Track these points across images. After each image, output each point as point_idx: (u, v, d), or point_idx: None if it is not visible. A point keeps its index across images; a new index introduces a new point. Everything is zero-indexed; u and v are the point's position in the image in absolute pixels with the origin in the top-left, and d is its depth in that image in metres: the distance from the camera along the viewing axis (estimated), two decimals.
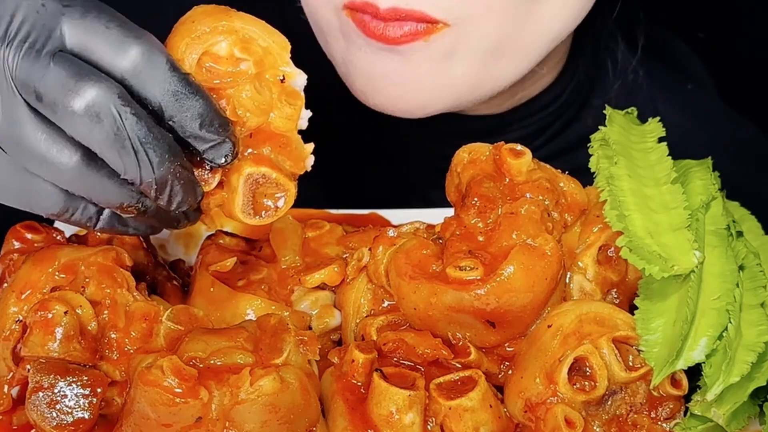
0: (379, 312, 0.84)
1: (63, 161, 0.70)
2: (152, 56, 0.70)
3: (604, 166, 0.85)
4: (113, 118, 0.68)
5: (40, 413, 0.75)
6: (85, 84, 0.68)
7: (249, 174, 0.76)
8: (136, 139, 0.69)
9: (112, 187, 0.71)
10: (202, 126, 0.72)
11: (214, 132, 0.73)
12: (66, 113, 0.68)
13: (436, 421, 0.76)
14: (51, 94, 0.68)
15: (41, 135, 0.70)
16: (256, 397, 0.73)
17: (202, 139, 0.72)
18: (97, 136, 0.68)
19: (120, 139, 0.69)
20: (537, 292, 0.79)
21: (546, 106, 1.11)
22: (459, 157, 0.85)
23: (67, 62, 0.69)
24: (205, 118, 0.72)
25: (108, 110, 0.68)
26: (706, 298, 0.79)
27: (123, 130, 0.69)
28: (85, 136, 0.69)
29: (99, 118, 0.68)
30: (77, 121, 0.68)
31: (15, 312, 0.80)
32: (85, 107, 0.68)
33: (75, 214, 0.74)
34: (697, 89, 1.23)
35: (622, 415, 0.78)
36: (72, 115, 0.68)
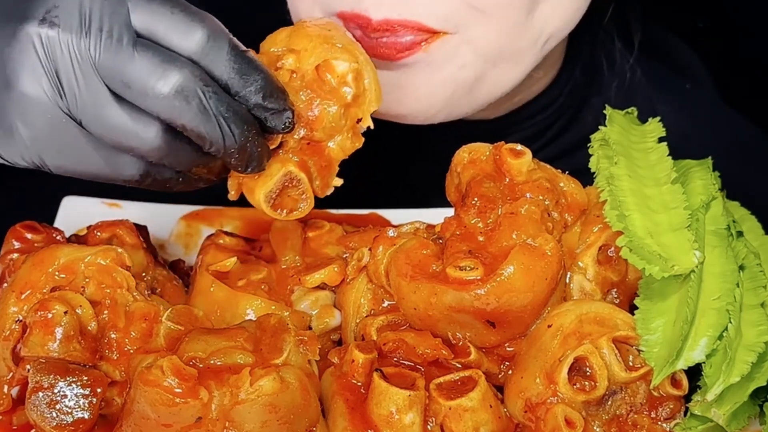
0: (379, 312, 0.84)
1: (149, 137, 0.76)
2: (217, 38, 0.77)
3: (604, 166, 0.85)
4: (199, 98, 0.75)
5: (40, 413, 0.75)
6: (172, 69, 0.75)
7: (289, 171, 0.82)
8: (219, 114, 0.76)
9: (190, 153, 0.78)
10: (264, 98, 0.78)
11: (274, 102, 0.79)
12: (155, 97, 0.75)
13: (436, 421, 0.76)
14: (139, 81, 0.75)
15: (127, 117, 0.76)
16: (256, 397, 0.73)
17: (265, 108, 0.79)
18: (186, 116, 0.75)
19: (207, 116, 0.76)
20: (537, 292, 0.79)
21: (544, 109, 1.11)
22: (459, 157, 0.85)
23: (150, 50, 0.75)
24: (266, 91, 0.78)
25: (194, 92, 0.75)
26: (706, 298, 0.79)
27: (209, 107, 0.76)
28: (175, 116, 0.75)
29: (188, 100, 0.75)
30: (166, 104, 0.75)
31: (15, 312, 0.80)
32: (175, 91, 0.75)
33: (154, 179, 0.80)
34: (696, 89, 1.22)
35: (622, 415, 0.78)
36: (161, 99, 0.75)
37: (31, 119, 0.76)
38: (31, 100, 0.75)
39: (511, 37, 0.94)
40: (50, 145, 0.77)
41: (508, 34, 0.93)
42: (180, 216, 1.01)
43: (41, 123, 0.76)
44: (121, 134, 0.76)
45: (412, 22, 0.90)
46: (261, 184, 0.82)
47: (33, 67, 0.75)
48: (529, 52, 0.97)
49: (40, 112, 0.76)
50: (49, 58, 0.75)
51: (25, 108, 0.76)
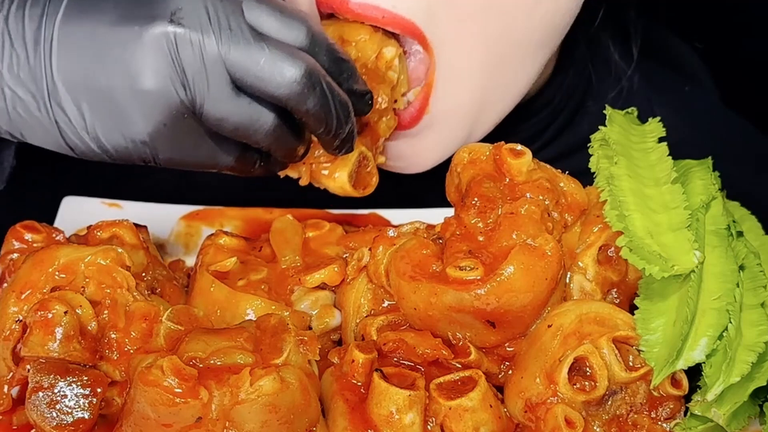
0: (379, 312, 0.84)
1: (266, 125, 0.82)
2: (316, 33, 0.84)
3: (604, 166, 0.85)
4: (322, 84, 0.82)
5: (40, 413, 0.75)
6: (299, 58, 0.81)
7: (362, 152, 0.92)
8: (336, 98, 0.83)
9: (293, 140, 0.85)
10: (354, 83, 0.87)
11: (361, 86, 0.87)
12: (286, 84, 0.80)
13: (436, 421, 0.76)
14: (270, 70, 0.80)
15: (248, 107, 0.81)
16: (256, 397, 0.73)
17: (354, 92, 0.86)
18: (312, 100, 0.81)
19: (327, 100, 0.82)
20: (537, 292, 0.79)
21: (539, 111, 1.11)
22: (459, 157, 0.85)
23: (274, 43, 0.81)
24: (354, 77, 0.87)
25: (318, 77, 0.81)
26: (706, 298, 0.79)
27: (328, 92, 0.82)
28: (302, 100, 0.81)
29: (314, 85, 0.81)
30: (297, 89, 0.80)
31: (15, 312, 0.80)
32: (305, 77, 0.80)
33: (244, 165, 0.86)
34: (695, 91, 1.22)
35: (622, 415, 0.78)
36: (292, 85, 0.80)
37: (153, 115, 0.79)
38: (157, 95, 0.79)
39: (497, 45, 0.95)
40: (166, 140, 0.81)
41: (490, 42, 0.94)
42: (180, 216, 1.01)
43: (163, 118, 0.80)
44: (241, 123, 0.81)
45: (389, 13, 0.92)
46: (341, 166, 0.91)
47: (160, 64, 0.78)
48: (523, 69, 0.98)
49: (164, 107, 0.79)
50: (178, 56, 0.78)
51: (150, 103, 0.79)
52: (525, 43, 0.96)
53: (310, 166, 0.91)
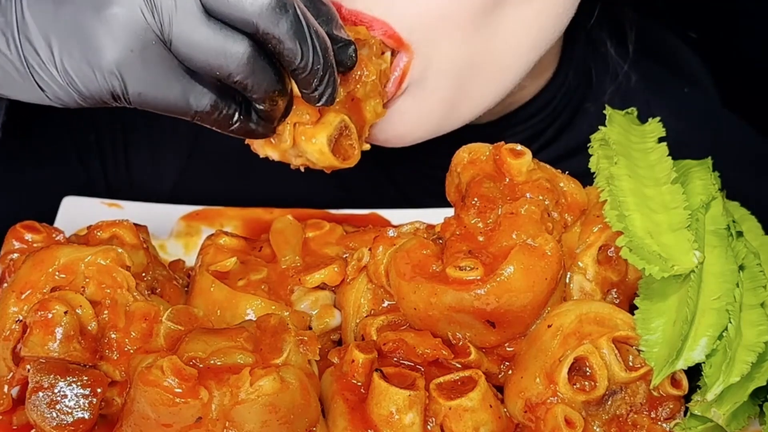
0: (379, 312, 0.84)
1: (237, 54, 0.78)
2: None
3: (604, 166, 0.85)
4: (295, 9, 0.78)
5: (40, 413, 0.75)
6: None
7: (344, 119, 0.88)
8: (311, 27, 0.79)
9: (271, 76, 0.81)
10: (334, 27, 0.84)
11: (343, 32, 0.85)
12: (251, 8, 0.77)
13: (436, 421, 0.76)
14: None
15: (218, 34, 0.78)
16: (256, 397, 0.73)
17: (334, 39, 0.83)
18: (283, 26, 0.78)
19: (300, 28, 0.79)
20: (537, 292, 0.79)
21: (537, 113, 1.11)
22: (459, 157, 0.85)
23: None
24: (335, 21, 0.84)
25: (291, 3, 0.78)
26: (706, 298, 0.79)
27: (302, 20, 0.79)
28: (272, 25, 0.78)
29: (285, 8, 0.78)
30: (266, 13, 0.77)
31: (15, 312, 0.80)
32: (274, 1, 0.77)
33: (221, 114, 0.82)
34: (694, 92, 1.22)
35: (622, 415, 0.78)
36: (261, 7, 0.77)
37: (120, 40, 0.77)
38: (124, 19, 0.77)
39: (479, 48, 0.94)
40: (135, 69, 0.78)
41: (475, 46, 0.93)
42: (180, 216, 1.01)
43: (131, 43, 0.77)
44: (211, 52, 0.78)
45: (380, 22, 0.90)
46: (321, 129, 0.87)
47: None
48: (509, 63, 0.97)
49: (131, 32, 0.77)
50: None
51: (117, 28, 0.77)
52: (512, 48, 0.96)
53: (294, 126, 0.87)
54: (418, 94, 0.94)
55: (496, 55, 0.95)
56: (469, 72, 0.95)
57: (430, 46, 0.92)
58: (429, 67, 0.93)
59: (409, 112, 0.95)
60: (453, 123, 0.99)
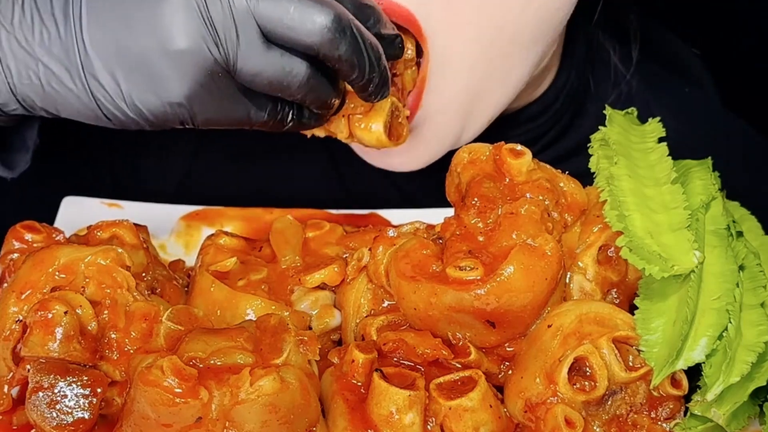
0: (379, 312, 0.84)
1: (299, 75, 0.83)
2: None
3: (604, 166, 0.85)
4: (352, 29, 0.83)
5: (40, 413, 0.75)
6: (328, 6, 0.81)
7: (393, 101, 0.92)
8: (366, 42, 0.84)
9: (329, 88, 0.86)
10: (382, 27, 0.88)
11: (388, 29, 0.88)
12: (316, 32, 0.81)
13: (436, 421, 0.76)
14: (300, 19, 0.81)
15: (280, 58, 0.82)
16: (256, 397, 0.73)
17: (383, 37, 0.87)
18: (343, 46, 0.82)
19: (358, 44, 0.83)
20: (537, 292, 0.79)
21: (539, 115, 1.11)
22: (459, 157, 0.85)
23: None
24: (381, 21, 0.88)
25: (348, 23, 0.82)
26: (706, 298, 0.79)
27: (358, 36, 0.83)
28: (333, 46, 0.82)
29: (344, 30, 0.82)
30: (328, 36, 0.81)
31: (15, 312, 0.80)
32: (334, 23, 0.81)
33: (277, 119, 0.87)
34: (695, 92, 1.22)
35: (622, 415, 0.78)
36: (323, 32, 0.81)
37: (188, 74, 0.80)
38: (190, 54, 0.79)
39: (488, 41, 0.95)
40: (203, 99, 0.81)
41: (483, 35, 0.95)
42: (180, 216, 1.01)
43: (198, 77, 0.80)
44: (274, 76, 0.82)
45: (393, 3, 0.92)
46: (375, 117, 0.92)
47: (190, 22, 0.79)
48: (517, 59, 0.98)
49: (197, 65, 0.80)
50: (207, 12, 0.79)
51: (183, 63, 0.79)
52: (519, 36, 0.96)
53: (348, 118, 0.92)
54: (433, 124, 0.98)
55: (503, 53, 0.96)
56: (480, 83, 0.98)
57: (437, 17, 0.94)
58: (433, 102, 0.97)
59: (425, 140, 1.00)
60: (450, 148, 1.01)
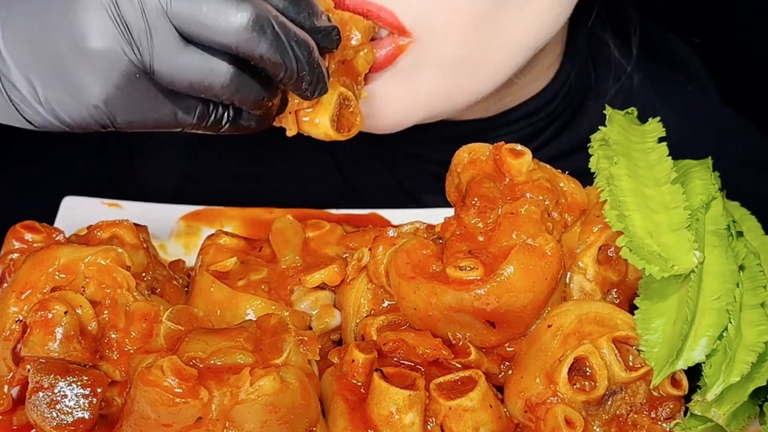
0: (379, 312, 0.84)
1: (221, 75, 0.79)
2: None
3: (604, 166, 0.85)
4: (272, 26, 0.78)
5: (40, 413, 0.75)
6: (246, 3, 0.77)
7: (341, 92, 0.87)
8: (290, 39, 0.79)
9: (257, 88, 0.81)
10: (316, 19, 0.83)
11: (324, 22, 0.83)
12: (233, 32, 0.77)
13: (436, 421, 0.76)
14: (215, 18, 0.77)
15: (199, 58, 0.78)
16: (256, 397, 0.73)
17: (317, 30, 0.83)
18: (263, 45, 0.78)
19: (281, 42, 0.79)
20: (537, 292, 0.79)
21: (537, 111, 1.11)
22: (459, 157, 0.85)
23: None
24: (316, 13, 0.83)
25: (268, 20, 0.78)
26: (706, 298, 0.79)
27: (281, 34, 0.79)
28: (252, 47, 0.78)
29: (263, 29, 0.78)
30: (245, 36, 0.78)
31: (15, 312, 0.80)
32: (252, 22, 0.77)
33: (209, 121, 0.83)
34: (697, 91, 1.22)
35: (622, 415, 0.78)
36: (239, 31, 0.77)
37: (104, 77, 0.78)
38: (105, 56, 0.77)
39: (480, 42, 0.94)
40: (122, 102, 0.79)
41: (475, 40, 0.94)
42: (180, 216, 1.01)
43: (114, 79, 0.78)
44: (194, 77, 0.79)
45: (387, 12, 0.91)
46: (322, 111, 0.87)
47: (103, 23, 0.77)
48: (504, 58, 0.97)
49: (113, 67, 0.77)
50: (119, 13, 0.77)
51: (98, 66, 0.77)
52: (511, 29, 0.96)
53: (295, 113, 0.87)
54: (411, 79, 0.94)
55: (494, 52, 0.95)
56: (464, 65, 0.95)
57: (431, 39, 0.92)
58: (426, 55, 0.93)
59: (399, 96, 0.95)
60: (441, 112, 0.99)
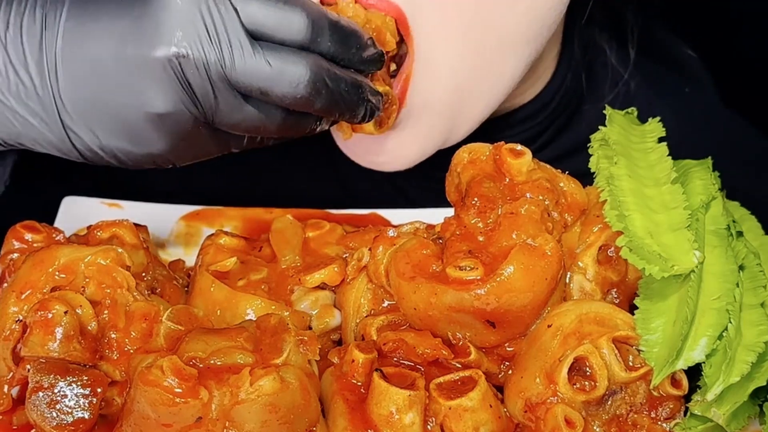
0: (379, 312, 0.84)
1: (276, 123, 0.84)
2: (317, 17, 0.83)
3: (604, 166, 0.85)
4: (327, 86, 0.83)
5: (40, 413, 0.75)
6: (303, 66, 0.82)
7: (385, 92, 0.91)
8: (344, 89, 0.84)
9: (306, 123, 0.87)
10: (364, 51, 0.86)
11: (370, 51, 0.87)
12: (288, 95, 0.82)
13: (436, 421, 0.76)
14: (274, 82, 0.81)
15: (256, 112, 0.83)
16: (256, 397, 0.73)
17: (365, 61, 0.87)
18: (317, 103, 0.83)
19: (334, 96, 0.84)
20: (537, 292, 0.79)
21: (535, 114, 1.11)
22: (459, 157, 0.85)
23: (271, 51, 0.81)
24: (364, 48, 0.87)
25: (323, 81, 0.83)
26: (706, 298, 0.79)
27: (336, 90, 0.84)
28: (306, 105, 0.83)
29: (318, 91, 0.83)
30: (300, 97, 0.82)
31: (15, 312, 0.80)
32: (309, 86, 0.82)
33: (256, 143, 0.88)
34: (695, 92, 1.22)
35: (622, 415, 0.78)
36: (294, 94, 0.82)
37: (168, 134, 0.83)
38: (170, 117, 0.82)
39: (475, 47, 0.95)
40: (184, 150, 0.85)
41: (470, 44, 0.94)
42: (180, 216, 1.01)
43: (179, 134, 0.83)
44: (251, 126, 0.84)
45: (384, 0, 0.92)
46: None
47: (169, 88, 0.80)
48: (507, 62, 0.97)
49: (177, 126, 0.82)
50: (184, 78, 0.80)
51: (163, 126, 0.82)
52: (508, 36, 0.96)
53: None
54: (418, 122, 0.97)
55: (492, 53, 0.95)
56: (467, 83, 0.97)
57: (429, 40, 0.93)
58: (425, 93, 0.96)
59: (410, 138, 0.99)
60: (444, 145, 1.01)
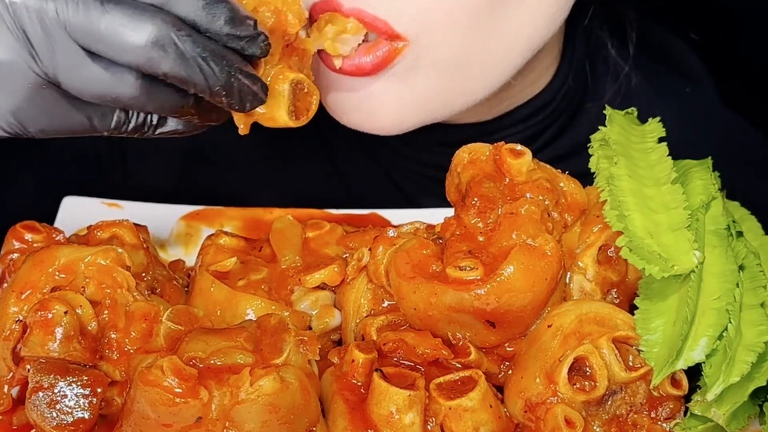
0: (379, 312, 0.84)
1: (128, 87, 0.77)
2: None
3: (604, 166, 0.85)
4: (175, 45, 0.75)
5: (40, 413, 0.75)
6: (144, 20, 0.75)
7: (292, 79, 0.83)
8: (197, 55, 0.76)
9: (174, 96, 0.78)
10: (234, 27, 0.78)
11: (245, 29, 0.78)
12: (131, 51, 0.75)
13: (436, 421, 0.76)
14: (112, 36, 0.75)
15: (103, 71, 0.76)
16: (256, 397, 0.73)
17: (238, 37, 0.78)
18: (165, 64, 0.75)
19: (185, 60, 0.76)
20: (537, 292, 0.79)
21: (535, 113, 1.11)
22: (459, 157, 0.85)
23: (118, 5, 0.75)
24: (234, 20, 0.78)
25: (170, 39, 0.75)
26: (706, 298, 0.79)
27: (186, 51, 0.76)
28: (154, 66, 0.75)
29: (164, 48, 0.75)
30: (144, 54, 0.75)
31: (15, 312, 0.80)
32: (151, 42, 0.75)
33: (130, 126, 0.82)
34: (696, 92, 1.22)
35: (622, 415, 0.78)
36: (138, 51, 0.75)
37: (10, 88, 0.77)
38: (8, 68, 0.77)
39: (476, 44, 0.94)
40: (31, 111, 0.78)
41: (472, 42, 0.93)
42: (180, 216, 1.01)
43: (21, 90, 0.77)
44: (100, 89, 0.77)
45: (381, 22, 0.90)
46: (276, 106, 0.83)
47: (3, 36, 0.76)
48: (501, 60, 0.97)
49: (18, 79, 0.77)
50: (18, 26, 0.76)
51: (3, 77, 0.77)
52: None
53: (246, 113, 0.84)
54: (408, 80, 0.94)
55: (491, 53, 0.95)
56: (461, 67, 0.95)
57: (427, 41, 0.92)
58: (422, 56, 0.93)
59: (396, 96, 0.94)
60: (439, 115, 0.98)
